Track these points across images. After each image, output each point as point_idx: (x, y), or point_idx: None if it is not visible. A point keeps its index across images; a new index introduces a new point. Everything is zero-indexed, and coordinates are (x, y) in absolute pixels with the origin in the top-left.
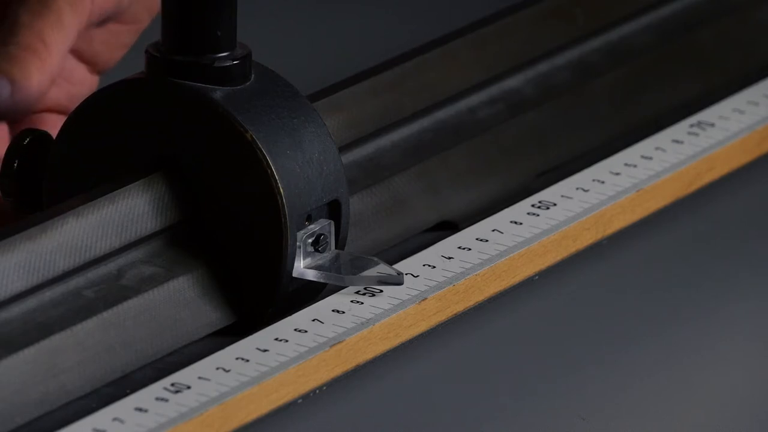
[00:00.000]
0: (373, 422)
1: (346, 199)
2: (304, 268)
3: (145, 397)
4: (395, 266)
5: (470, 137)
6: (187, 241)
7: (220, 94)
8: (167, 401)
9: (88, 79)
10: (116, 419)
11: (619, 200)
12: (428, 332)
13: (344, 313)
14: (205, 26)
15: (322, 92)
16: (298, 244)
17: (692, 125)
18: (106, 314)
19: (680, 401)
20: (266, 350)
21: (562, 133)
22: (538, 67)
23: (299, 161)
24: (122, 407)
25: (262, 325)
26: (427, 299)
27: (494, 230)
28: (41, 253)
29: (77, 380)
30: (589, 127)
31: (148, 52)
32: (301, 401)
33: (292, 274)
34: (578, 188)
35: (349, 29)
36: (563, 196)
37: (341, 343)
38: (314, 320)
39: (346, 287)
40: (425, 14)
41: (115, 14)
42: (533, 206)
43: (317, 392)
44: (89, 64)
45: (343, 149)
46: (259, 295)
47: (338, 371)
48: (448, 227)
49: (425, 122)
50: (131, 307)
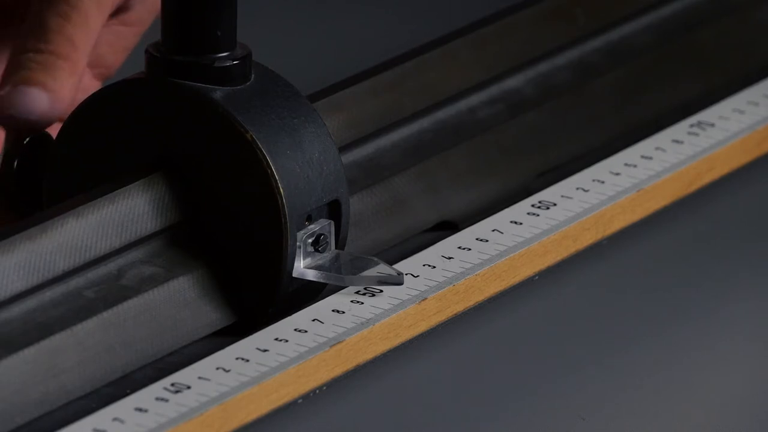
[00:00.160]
0: (373, 422)
1: (346, 199)
2: (304, 268)
3: (145, 397)
4: (395, 266)
5: (470, 137)
6: (187, 241)
7: (220, 94)
8: (167, 401)
9: (92, 86)
10: (116, 419)
11: (619, 200)
12: (428, 332)
13: (344, 313)
14: (205, 26)
15: (322, 92)
16: (298, 244)
17: (692, 125)
18: (106, 314)
19: (680, 401)
20: (266, 350)
21: (562, 133)
22: (538, 67)
23: (299, 161)
24: (122, 407)
25: (262, 325)
26: (427, 299)
27: (494, 230)
28: (41, 253)
29: (77, 380)
30: (589, 127)
31: (148, 52)
32: (301, 401)
33: (292, 274)
34: (578, 188)
35: (349, 29)
36: (563, 196)
37: (341, 343)
38: (314, 320)
39: (346, 287)
40: (425, 14)
41: (122, 8)
42: (533, 206)
43: (317, 392)
44: (94, 67)
45: (343, 149)
46: (259, 295)
47: (338, 371)
48: (448, 227)
49: (425, 122)
50: (131, 307)
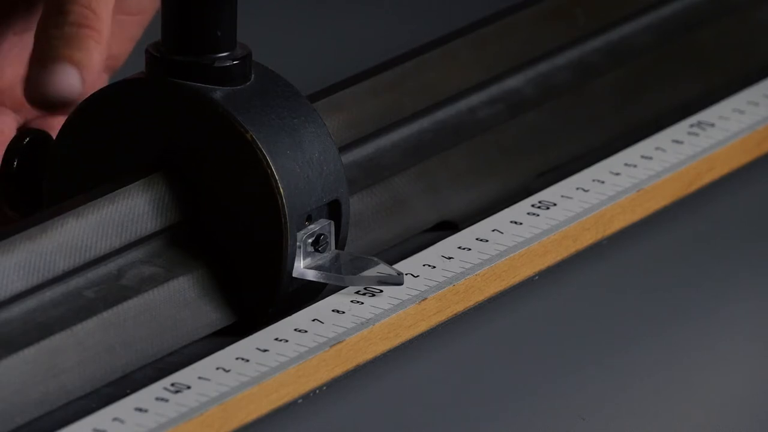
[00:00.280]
0: (373, 422)
1: (346, 199)
2: (304, 268)
3: (145, 397)
4: (395, 266)
5: (470, 137)
6: (187, 241)
7: (220, 94)
8: (167, 401)
9: (99, 79)
10: (116, 419)
11: (619, 200)
12: (428, 332)
13: (344, 313)
14: (205, 26)
15: (322, 92)
16: (298, 244)
17: (692, 125)
18: (106, 314)
19: (680, 401)
20: (266, 350)
21: (562, 133)
22: (538, 67)
23: (299, 161)
24: (122, 407)
25: (262, 325)
26: (427, 299)
27: (494, 230)
28: (41, 253)
29: (77, 380)
30: (589, 127)
31: (148, 52)
32: (301, 401)
33: (292, 274)
34: (578, 188)
35: (349, 29)
36: (563, 196)
37: (341, 343)
38: (314, 320)
39: (346, 287)
40: (425, 14)
41: None
42: (533, 206)
43: (317, 392)
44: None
45: (343, 149)
46: (259, 295)
47: (338, 371)
48: (448, 227)
49: (425, 122)
50: (131, 307)
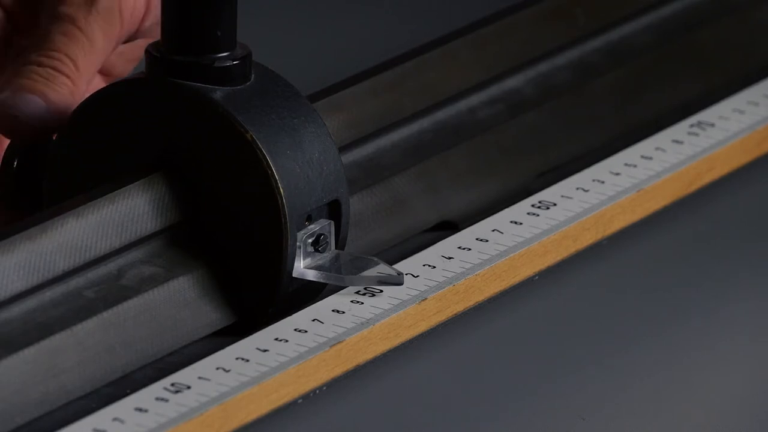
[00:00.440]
0: (373, 422)
1: (346, 199)
2: (304, 268)
3: (145, 397)
4: (395, 266)
5: (470, 137)
6: (187, 241)
7: (220, 94)
8: (167, 401)
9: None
10: (116, 419)
11: (619, 200)
12: (428, 332)
13: (344, 313)
14: (205, 26)
15: (322, 92)
16: (298, 244)
17: (692, 125)
18: (106, 314)
19: (680, 401)
20: (266, 350)
21: (562, 133)
22: (538, 67)
23: (299, 161)
24: (122, 407)
25: (262, 325)
26: (427, 299)
27: (494, 230)
28: (41, 253)
29: (77, 380)
30: (589, 127)
31: (148, 52)
32: (301, 401)
33: (292, 274)
34: (578, 188)
35: (349, 29)
36: (563, 196)
37: (341, 343)
38: (314, 320)
39: (346, 287)
40: (425, 14)
41: (136, 35)
42: (533, 206)
43: (317, 392)
44: (104, 75)
45: (343, 149)
46: (259, 295)
47: (338, 371)
48: (448, 227)
49: (425, 122)
50: (131, 307)
